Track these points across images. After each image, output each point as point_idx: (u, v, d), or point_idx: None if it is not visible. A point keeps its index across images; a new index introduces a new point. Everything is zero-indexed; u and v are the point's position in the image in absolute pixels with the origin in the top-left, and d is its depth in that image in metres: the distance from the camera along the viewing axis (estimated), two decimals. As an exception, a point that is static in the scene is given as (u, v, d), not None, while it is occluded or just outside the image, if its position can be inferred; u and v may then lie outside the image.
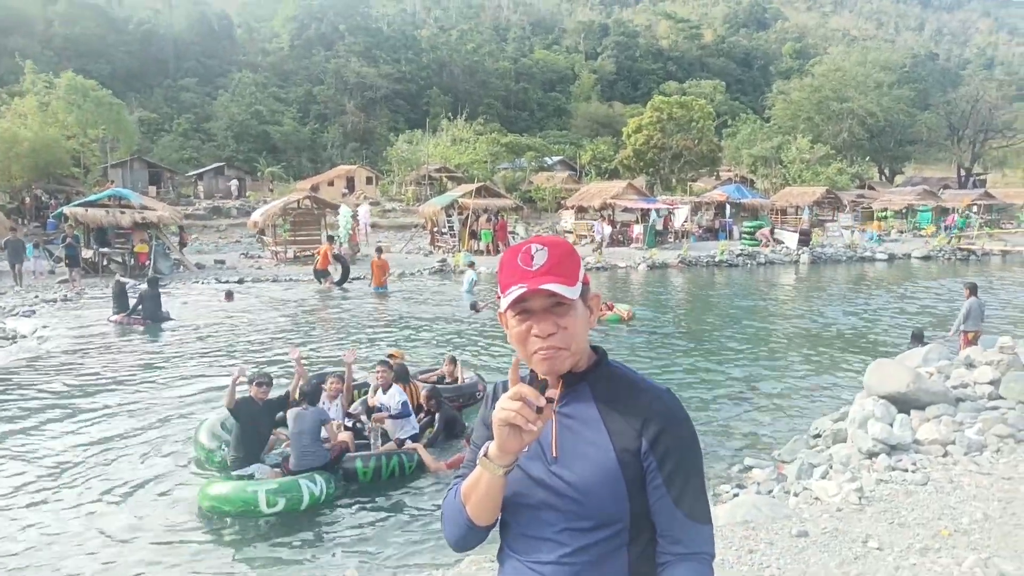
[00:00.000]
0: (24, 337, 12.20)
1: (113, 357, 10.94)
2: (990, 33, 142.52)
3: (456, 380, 8.44)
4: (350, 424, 6.99)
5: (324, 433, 6.24)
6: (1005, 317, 14.91)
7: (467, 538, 1.45)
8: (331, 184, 47.39)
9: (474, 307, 14.93)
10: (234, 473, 5.97)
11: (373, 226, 35.97)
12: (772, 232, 29.90)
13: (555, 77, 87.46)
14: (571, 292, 1.35)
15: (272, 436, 6.71)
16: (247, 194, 45.23)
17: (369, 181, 49.16)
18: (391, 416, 6.83)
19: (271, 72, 73.77)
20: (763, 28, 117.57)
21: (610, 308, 13.75)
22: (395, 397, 6.90)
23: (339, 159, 58.25)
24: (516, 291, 1.35)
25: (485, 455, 1.35)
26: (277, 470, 6.15)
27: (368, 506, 5.88)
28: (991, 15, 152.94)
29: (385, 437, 6.78)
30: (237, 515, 5.42)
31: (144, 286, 14.11)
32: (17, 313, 14.40)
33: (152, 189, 40.09)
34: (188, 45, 74.69)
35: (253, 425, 6.23)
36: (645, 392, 1.40)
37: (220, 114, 60.66)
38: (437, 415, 7.17)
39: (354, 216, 25.97)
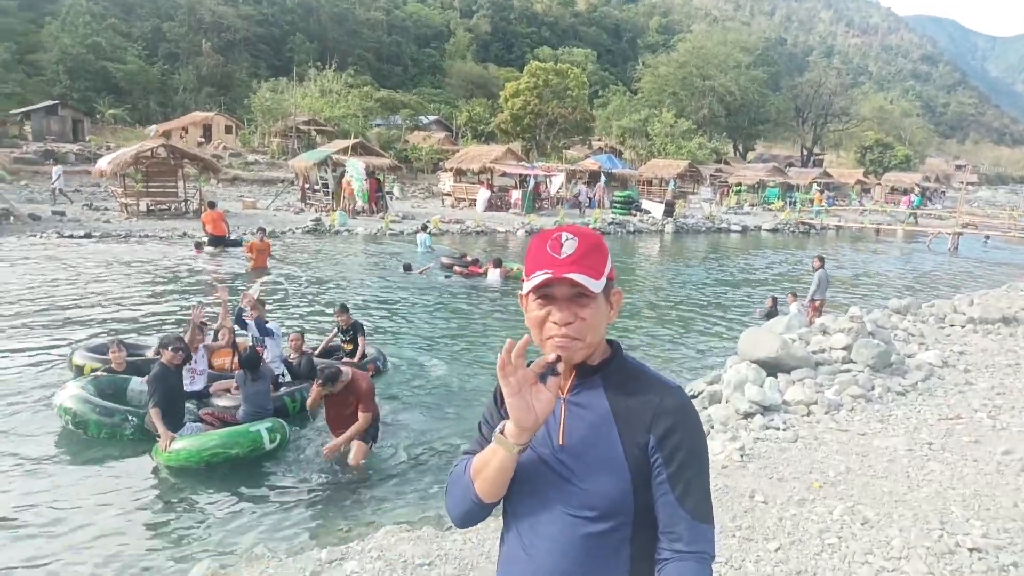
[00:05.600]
0: None
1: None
2: (831, 23, 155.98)
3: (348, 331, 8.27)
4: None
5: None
6: (845, 286, 16.66)
7: (472, 514, 1.45)
8: (185, 132, 43.77)
9: (408, 268, 14.52)
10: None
11: (233, 180, 33.80)
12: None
13: (429, 33, 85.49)
14: (595, 285, 1.36)
15: None
16: (87, 138, 40.65)
17: (228, 130, 45.90)
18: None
19: (110, 2, 66.06)
20: (632, 0, 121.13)
21: (509, 269, 14.21)
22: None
23: (193, 105, 53.80)
24: (540, 276, 1.35)
25: (502, 432, 1.36)
26: (205, 425, 6.10)
27: (274, 480, 5.62)
28: (832, 6, 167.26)
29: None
30: (245, 456, 5.67)
31: None
32: None
33: (-33, 127, 35.02)
34: (8, -39, 65.06)
35: (177, 388, 6.06)
36: (656, 388, 1.42)
37: (49, 45, 53.68)
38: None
39: (372, 175, 24.41)
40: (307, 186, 27.61)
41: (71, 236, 17.40)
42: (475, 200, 28.69)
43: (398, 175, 32.69)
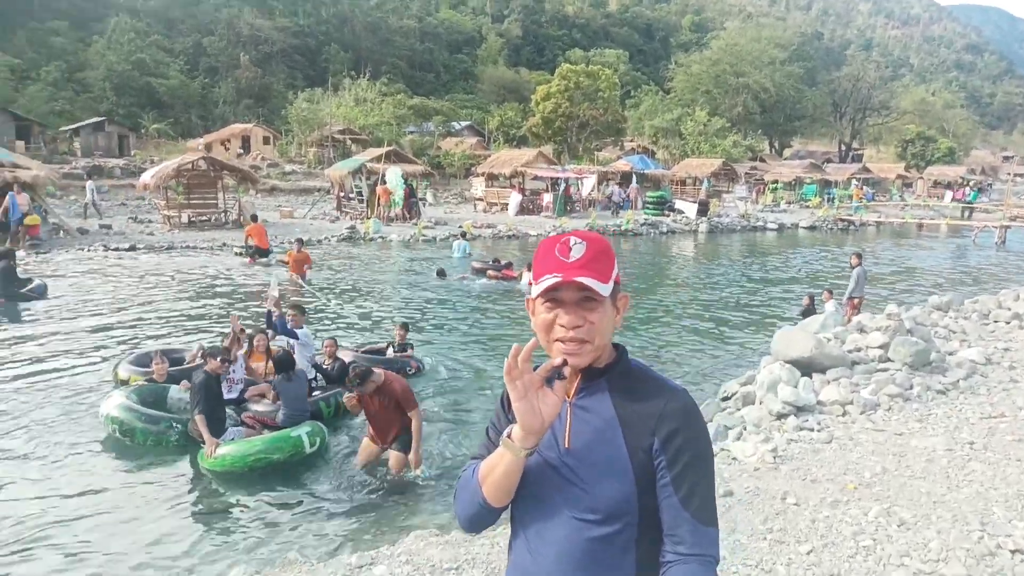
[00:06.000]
0: None
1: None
2: (870, 16, 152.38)
3: (402, 348, 8.56)
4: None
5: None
6: (885, 284, 16.26)
7: (480, 517, 1.47)
8: (226, 144, 44.84)
9: (442, 274, 14.68)
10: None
11: (272, 190, 34.52)
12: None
13: (461, 39, 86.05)
14: (603, 289, 1.37)
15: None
16: (132, 152, 41.97)
17: (266, 141, 46.85)
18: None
19: (154, 19, 68.17)
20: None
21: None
22: None
23: (232, 117, 55.09)
24: (549, 280, 1.37)
25: (509, 436, 1.38)
26: (247, 429, 6.29)
27: (310, 485, 5.75)
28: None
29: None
30: (287, 460, 5.80)
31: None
32: None
33: (20, 144, 36.43)
34: (56, -16, 67.66)
35: (220, 395, 6.27)
36: (661, 391, 1.42)
37: (96, 63, 55.58)
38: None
39: (406, 182, 24.98)
40: (342, 195, 28.05)
41: (116, 249, 17.98)
42: (507, 204, 28.79)
43: (431, 181, 32.96)
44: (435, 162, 39.26)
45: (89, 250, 17.72)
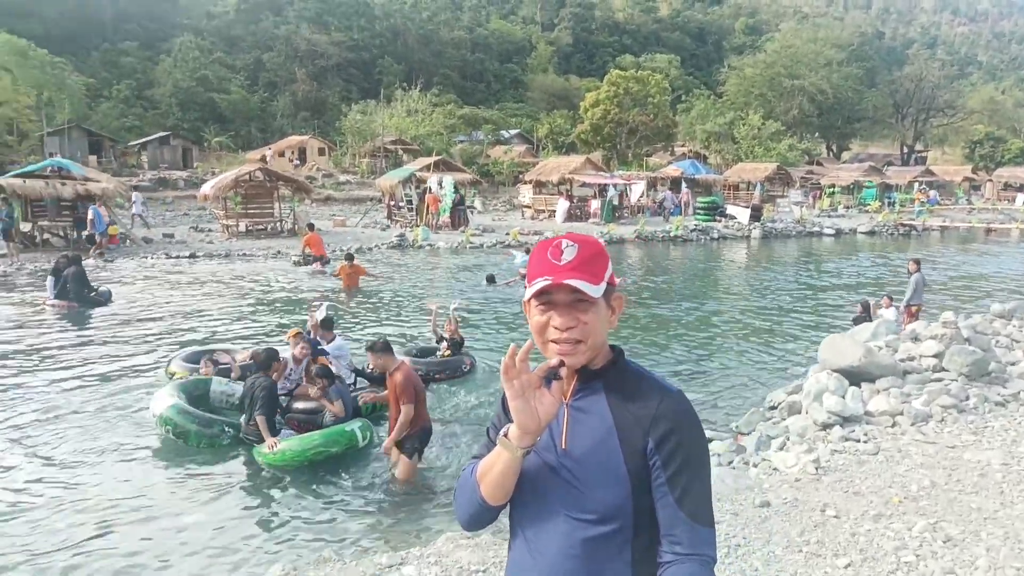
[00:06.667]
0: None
1: (49, 342, 10.49)
2: (934, 13, 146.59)
3: (455, 338, 8.87)
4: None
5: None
6: (947, 291, 15.61)
7: (478, 516, 1.49)
8: (282, 155, 46.24)
9: (491, 280, 14.90)
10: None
11: (326, 199, 35.42)
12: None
13: (511, 48, 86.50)
14: (594, 291, 1.39)
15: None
16: (195, 165, 43.73)
17: (321, 152, 48.11)
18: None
19: (217, 37, 70.83)
20: (717, 2, 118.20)
21: None
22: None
23: (290, 129, 56.75)
24: (541, 283, 1.39)
25: (506, 435, 1.40)
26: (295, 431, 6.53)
27: (341, 483, 5.89)
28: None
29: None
30: (342, 452, 6.06)
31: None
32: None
33: (93, 159, 38.38)
34: (128, 6, 71.10)
35: (278, 399, 6.57)
36: (655, 391, 1.43)
37: (163, 80, 58.16)
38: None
39: (455, 189, 25.47)
40: (392, 203, 28.57)
41: (177, 256, 18.75)
42: (554, 211, 28.81)
43: (479, 189, 33.25)
44: (484, 170, 39.59)
45: (152, 258, 18.54)
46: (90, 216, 18.64)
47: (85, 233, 19.01)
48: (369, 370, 7.58)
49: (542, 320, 1.42)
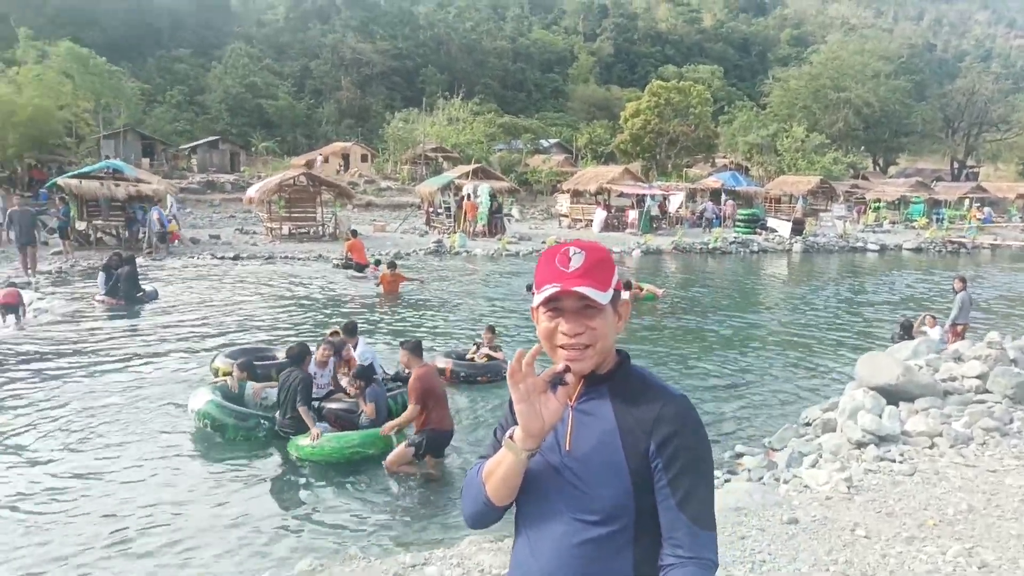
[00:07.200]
0: (21, 308, 12.11)
1: (96, 337, 10.87)
2: (989, 25, 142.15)
3: (493, 349, 8.98)
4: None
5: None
6: (994, 311, 15.12)
7: (483, 515, 1.53)
8: (326, 161, 47.12)
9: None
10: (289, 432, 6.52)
11: (367, 205, 35.96)
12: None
13: (553, 58, 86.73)
14: (601, 297, 1.42)
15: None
16: (242, 169, 44.88)
17: (364, 159, 48.87)
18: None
19: (266, 45, 72.78)
20: (762, 13, 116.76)
21: (640, 290, 14.35)
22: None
23: (334, 136, 57.79)
24: (549, 290, 1.42)
25: (511, 438, 1.44)
26: (332, 427, 6.70)
27: (369, 482, 5.99)
28: (989, 7, 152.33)
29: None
30: (378, 454, 6.15)
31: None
32: (14, 284, 14.29)
33: (145, 161, 39.69)
34: (182, 14, 73.59)
35: (312, 392, 6.75)
36: (659, 395, 1.45)
37: (214, 86, 59.90)
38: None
39: (492, 196, 25.83)
40: (431, 210, 28.88)
41: (223, 257, 19.27)
42: (591, 221, 28.76)
43: (516, 197, 33.37)
44: (522, 179, 39.73)
45: (198, 258, 19.09)
46: (155, 216, 19.66)
47: (156, 231, 19.81)
48: (404, 373, 7.71)
49: (550, 326, 1.45)
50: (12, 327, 10.82)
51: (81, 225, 20.46)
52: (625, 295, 1.55)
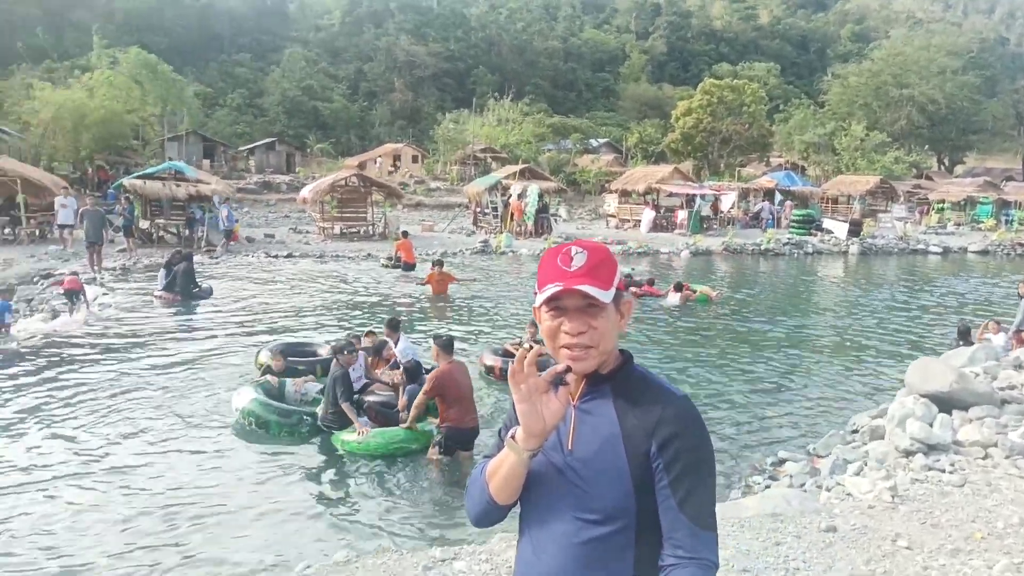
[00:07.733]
0: (86, 304, 12.75)
1: (152, 330, 11.27)
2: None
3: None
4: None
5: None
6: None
7: (487, 514, 1.55)
8: (375, 162, 47.98)
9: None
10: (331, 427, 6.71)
11: (417, 205, 36.47)
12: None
13: (604, 57, 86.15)
14: (604, 296, 1.43)
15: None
16: (297, 169, 46.09)
17: (415, 159, 49.57)
18: None
19: (322, 48, 74.60)
20: (822, 9, 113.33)
21: (691, 292, 14.38)
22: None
23: (386, 137, 58.79)
24: (551, 289, 1.43)
25: (513, 438, 1.45)
26: (372, 421, 6.86)
27: (403, 477, 6.10)
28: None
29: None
30: (420, 449, 6.36)
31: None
32: (76, 273, 15.00)
33: (206, 163, 41.17)
34: (243, 20, 76.05)
35: (352, 386, 6.90)
36: (661, 396, 1.46)
37: (272, 89, 61.72)
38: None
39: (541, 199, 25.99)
40: (478, 210, 29.08)
41: (276, 256, 19.83)
42: (639, 221, 28.47)
43: (564, 197, 33.29)
44: (571, 179, 39.62)
45: (253, 256, 19.70)
46: (224, 214, 20.70)
47: (222, 229, 20.66)
48: None
49: (553, 325, 1.46)
50: (75, 314, 11.40)
51: (144, 224, 21.39)
52: (627, 295, 1.55)
